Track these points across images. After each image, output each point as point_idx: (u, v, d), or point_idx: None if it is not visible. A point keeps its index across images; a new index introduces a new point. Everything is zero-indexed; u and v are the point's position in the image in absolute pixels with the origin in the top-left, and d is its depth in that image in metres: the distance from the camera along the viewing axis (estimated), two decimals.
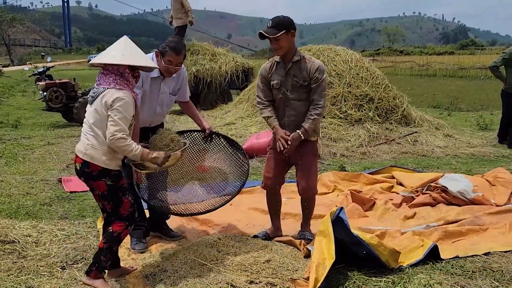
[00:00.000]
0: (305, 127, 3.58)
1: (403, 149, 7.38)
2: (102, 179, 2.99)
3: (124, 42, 3.07)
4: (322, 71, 3.58)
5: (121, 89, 2.94)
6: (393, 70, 30.54)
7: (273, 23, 3.52)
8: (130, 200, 3.12)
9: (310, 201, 3.98)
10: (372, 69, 8.72)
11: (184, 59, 3.70)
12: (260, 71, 3.84)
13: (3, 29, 56.64)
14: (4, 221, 4.30)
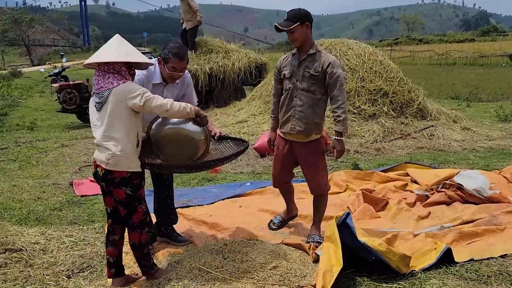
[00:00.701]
0: (338, 130, 3.61)
1: (418, 144, 7.20)
2: (123, 188, 3.01)
3: (117, 40, 3.04)
4: (336, 66, 3.55)
5: (125, 82, 2.96)
6: (412, 60, 30.08)
7: (288, 16, 3.57)
8: (143, 209, 3.15)
9: (322, 199, 3.97)
10: (386, 62, 8.52)
11: (187, 64, 3.63)
12: (276, 64, 3.92)
13: (22, 30, 57.33)
14: (13, 228, 4.32)
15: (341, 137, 3.64)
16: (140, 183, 3.10)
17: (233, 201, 5.15)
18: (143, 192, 3.16)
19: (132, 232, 3.16)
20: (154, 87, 3.58)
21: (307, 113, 3.66)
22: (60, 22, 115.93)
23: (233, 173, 6.28)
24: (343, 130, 3.60)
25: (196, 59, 11.59)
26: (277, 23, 3.59)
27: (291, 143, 3.85)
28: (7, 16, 59.95)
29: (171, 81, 3.59)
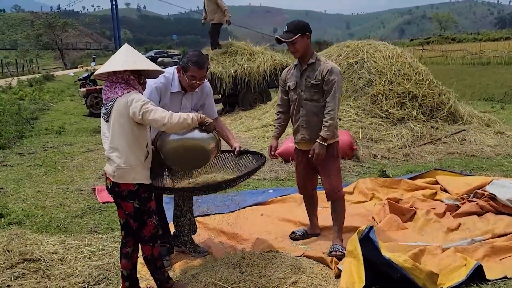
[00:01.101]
0: (322, 135, 3.65)
1: (449, 149, 6.92)
2: (131, 201, 2.94)
3: (125, 50, 2.97)
4: (334, 72, 3.62)
5: (129, 91, 2.86)
6: (444, 60, 29.35)
7: (288, 27, 3.65)
8: (154, 222, 3.05)
9: (339, 205, 3.93)
10: (415, 64, 8.25)
11: (207, 72, 3.55)
12: (281, 75, 4.02)
13: (56, 34, 58.69)
14: (34, 236, 4.32)
15: (323, 142, 3.66)
16: (150, 196, 3.01)
17: (254, 209, 5.04)
18: (153, 205, 3.06)
19: (144, 245, 3.09)
20: (173, 96, 3.52)
21: (313, 121, 3.74)
22: (92, 26, 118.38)
23: (256, 179, 6.16)
24: (327, 135, 3.64)
25: (221, 62, 11.53)
26: (279, 35, 3.66)
27: (306, 152, 3.88)
28: (41, 20, 61.50)
29: (191, 90, 3.53)
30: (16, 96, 17.43)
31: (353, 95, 7.92)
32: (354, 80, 8.01)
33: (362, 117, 7.60)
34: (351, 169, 6.34)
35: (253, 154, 3.81)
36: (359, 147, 6.90)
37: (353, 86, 7.97)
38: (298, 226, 4.45)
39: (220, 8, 11.52)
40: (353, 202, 5.05)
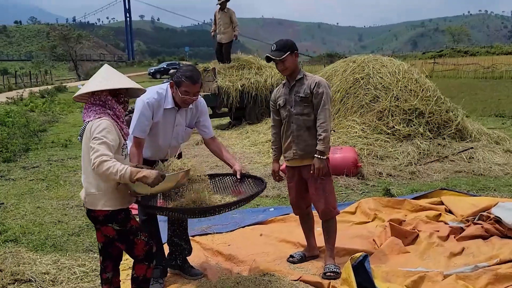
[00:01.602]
0: (319, 149, 3.63)
1: (456, 168, 6.77)
2: (109, 225, 2.84)
3: (103, 70, 2.90)
4: (322, 85, 3.65)
5: (99, 117, 2.75)
6: (456, 73, 29.04)
7: (277, 46, 3.66)
8: (143, 239, 2.92)
9: (331, 224, 3.87)
10: (422, 80, 8.13)
11: (201, 88, 3.48)
12: (271, 96, 4.02)
13: (70, 46, 59.50)
14: (28, 255, 4.27)
15: (322, 156, 3.63)
16: (127, 216, 2.89)
17: (254, 228, 4.95)
18: (135, 223, 2.94)
19: (138, 264, 2.96)
20: (166, 112, 3.45)
21: (304, 136, 3.72)
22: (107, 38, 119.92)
23: (259, 196, 6.04)
24: (324, 149, 3.62)
25: (228, 76, 11.52)
26: (269, 54, 3.66)
27: (298, 169, 3.85)
28: (56, 32, 62.42)
29: (184, 106, 3.45)
30: (27, 108, 17.58)
31: (359, 110, 7.82)
32: (360, 95, 7.91)
33: (368, 133, 7.48)
34: (355, 187, 6.22)
35: (254, 178, 3.68)
36: (364, 164, 6.78)
37: (358, 101, 7.87)
38: (298, 247, 4.35)
39: (233, 24, 11.57)
40: (355, 223, 4.94)
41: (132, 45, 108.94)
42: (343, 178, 6.43)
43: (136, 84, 2.93)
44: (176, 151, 3.71)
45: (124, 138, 2.89)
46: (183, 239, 3.88)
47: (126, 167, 2.60)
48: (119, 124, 2.84)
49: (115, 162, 2.59)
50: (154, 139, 3.50)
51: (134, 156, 3.30)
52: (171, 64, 48.42)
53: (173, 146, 3.62)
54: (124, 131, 2.89)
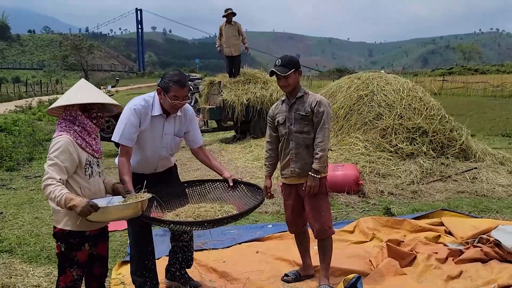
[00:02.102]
0: (314, 167, 3.63)
1: (459, 188, 6.68)
2: (59, 242, 2.81)
3: (77, 85, 2.90)
4: (323, 104, 3.66)
5: (60, 135, 2.73)
6: (465, 91, 28.91)
7: (282, 61, 3.67)
8: (73, 275, 2.83)
9: (327, 243, 3.84)
10: (427, 99, 8.06)
11: (188, 92, 3.45)
12: (269, 112, 4.00)
13: (81, 56, 60.16)
14: (21, 266, 4.27)
15: (316, 175, 3.63)
16: (79, 245, 2.81)
17: (250, 245, 4.89)
18: (81, 257, 2.84)
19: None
20: (154, 120, 3.39)
21: (303, 154, 3.70)
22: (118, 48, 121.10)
23: (257, 212, 6.01)
24: (319, 168, 3.62)
25: (234, 90, 11.54)
26: (275, 69, 3.66)
27: (296, 187, 3.83)
28: (69, 42, 63.19)
29: (173, 112, 3.40)
30: (34, 117, 17.70)
31: (362, 128, 7.77)
32: (363, 112, 7.87)
33: (371, 150, 7.43)
34: (355, 205, 6.16)
35: (248, 185, 3.65)
36: (365, 182, 6.72)
37: (362, 118, 7.83)
38: (293, 265, 4.30)
39: (241, 36, 11.64)
40: (352, 242, 4.87)
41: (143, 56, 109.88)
42: (344, 195, 6.37)
43: (110, 100, 2.89)
44: (167, 163, 3.65)
45: (94, 155, 2.85)
46: (188, 249, 3.83)
47: (63, 194, 2.53)
48: (88, 141, 2.80)
49: (56, 187, 2.55)
50: (142, 150, 3.43)
51: (124, 165, 3.25)
52: None
53: (163, 157, 3.55)
54: (94, 148, 2.84)
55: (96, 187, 2.87)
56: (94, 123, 2.85)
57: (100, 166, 2.92)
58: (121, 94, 35.87)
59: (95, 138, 2.87)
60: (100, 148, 2.92)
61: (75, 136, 2.75)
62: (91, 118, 2.84)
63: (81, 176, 2.76)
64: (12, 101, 27.67)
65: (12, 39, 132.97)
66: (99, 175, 2.91)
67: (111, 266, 4.32)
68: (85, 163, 2.78)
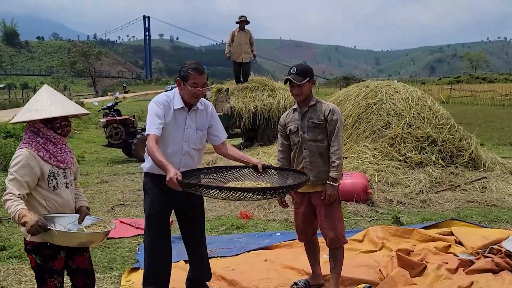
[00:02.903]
0: (332, 176, 3.64)
1: (469, 197, 6.63)
2: (33, 255, 2.77)
3: (36, 96, 2.85)
4: (336, 112, 3.69)
5: (21, 148, 2.71)
6: (473, 100, 28.87)
7: (298, 70, 3.68)
8: (55, 284, 2.80)
9: (339, 252, 3.82)
10: (436, 107, 8.04)
11: (207, 79, 3.45)
12: (280, 120, 3.98)
13: (89, 62, 60.58)
14: (31, 272, 4.26)
15: (334, 183, 3.65)
16: (54, 254, 2.77)
17: (258, 253, 4.88)
18: (58, 265, 2.81)
19: None
20: (176, 113, 3.39)
21: (317, 162, 3.70)
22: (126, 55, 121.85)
23: (265, 219, 6.03)
24: (337, 176, 3.64)
25: (241, 97, 11.57)
26: (291, 77, 3.64)
27: (308, 195, 3.81)
28: (77, 48, 63.67)
29: (193, 101, 3.39)
30: None
31: (370, 136, 7.75)
32: (372, 121, 7.86)
33: (379, 159, 7.40)
34: (364, 214, 6.13)
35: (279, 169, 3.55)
36: (374, 191, 6.69)
37: (370, 127, 7.81)
38: (302, 274, 4.28)
39: (250, 43, 11.72)
40: (362, 251, 4.85)
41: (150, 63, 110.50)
42: (352, 204, 6.35)
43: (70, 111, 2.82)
44: (191, 163, 3.51)
45: (60, 166, 2.81)
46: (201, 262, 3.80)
47: (17, 209, 2.50)
48: (52, 152, 2.78)
49: (13, 202, 2.53)
50: (165, 144, 3.38)
51: (158, 150, 3.14)
52: None
53: (186, 151, 3.46)
54: (59, 159, 2.80)
55: (64, 199, 2.83)
56: (58, 133, 2.82)
57: (67, 177, 2.87)
58: (128, 100, 36.07)
59: (62, 148, 2.84)
60: (67, 158, 2.87)
61: (37, 148, 2.72)
62: (54, 129, 2.81)
63: (45, 188, 2.73)
64: (21, 107, 27.81)
65: (21, 45, 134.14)
66: (66, 186, 2.85)
67: (120, 273, 4.34)
68: (48, 175, 2.74)
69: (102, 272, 4.36)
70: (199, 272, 3.78)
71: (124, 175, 8.96)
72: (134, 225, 5.75)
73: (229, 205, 6.57)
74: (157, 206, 3.53)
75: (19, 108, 26.66)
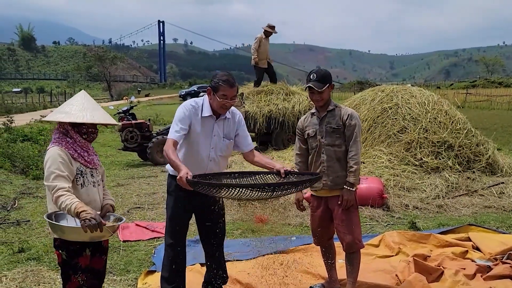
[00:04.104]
0: (350, 181, 3.66)
1: (486, 203, 6.57)
2: (60, 251, 2.87)
3: (72, 100, 2.98)
4: (354, 117, 3.70)
5: (51, 147, 2.84)
6: (489, 104, 28.54)
7: (318, 76, 3.67)
8: (79, 281, 2.89)
9: (356, 257, 3.83)
10: (452, 112, 7.98)
11: (237, 92, 3.48)
12: (297, 124, 4.00)
13: (105, 67, 61.15)
14: (49, 274, 4.35)
15: (352, 188, 3.66)
16: (80, 251, 2.88)
17: (274, 257, 4.83)
18: (83, 262, 2.91)
19: None
20: (204, 121, 3.46)
21: (334, 167, 3.70)
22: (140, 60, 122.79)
23: (281, 224, 6.01)
24: (354, 181, 3.66)
25: (256, 101, 11.58)
26: (312, 84, 3.64)
27: (325, 199, 3.82)
28: (92, 53, 64.34)
29: (222, 111, 3.45)
30: None
31: (386, 140, 7.72)
32: (387, 125, 7.82)
33: (395, 164, 7.36)
34: (380, 219, 6.10)
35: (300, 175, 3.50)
36: (389, 195, 6.65)
37: (386, 131, 7.77)
38: (318, 279, 4.28)
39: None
40: (378, 256, 4.82)
41: (164, 67, 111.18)
42: (368, 208, 6.32)
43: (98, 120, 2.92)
44: (215, 166, 3.56)
45: (87, 165, 2.91)
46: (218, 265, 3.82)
47: (73, 202, 2.62)
48: (79, 152, 2.88)
49: (67, 197, 2.65)
50: (192, 150, 3.46)
51: (174, 152, 3.21)
52: (201, 87, 49.15)
53: (212, 158, 3.52)
54: (86, 159, 2.91)
55: (91, 196, 2.93)
56: (84, 138, 2.94)
57: (94, 176, 2.98)
58: (142, 105, 36.27)
59: (87, 150, 2.95)
60: (93, 160, 2.98)
61: (66, 147, 2.85)
62: (81, 133, 2.92)
63: (73, 185, 2.83)
64: (37, 111, 28.24)
65: (37, 50, 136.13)
66: (93, 185, 2.96)
67: (136, 276, 4.37)
68: (76, 173, 2.85)
69: (119, 275, 4.39)
70: (216, 275, 3.80)
71: (140, 179, 9.03)
72: (150, 228, 5.78)
73: (244, 209, 6.58)
74: (180, 208, 3.59)
75: (36, 112, 27.03)
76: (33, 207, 6.78)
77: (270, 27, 12.00)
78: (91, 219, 2.55)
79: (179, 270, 3.62)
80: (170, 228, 3.63)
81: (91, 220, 2.55)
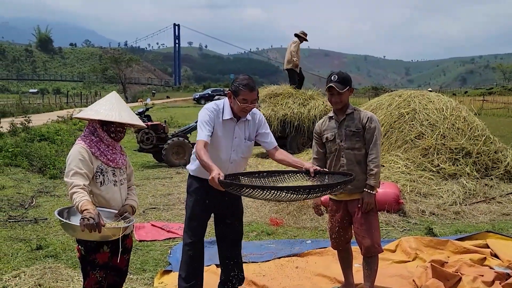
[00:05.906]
0: (370, 184, 3.65)
1: (504, 210, 6.49)
2: (79, 245, 2.94)
3: (104, 99, 3.05)
4: (374, 120, 3.69)
5: (76, 144, 2.91)
6: (506, 112, 28.20)
7: (339, 78, 3.67)
8: (97, 277, 2.94)
9: (374, 261, 3.80)
10: (471, 118, 7.90)
11: (257, 95, 3.50)
12: (315, 128, 3.97)
13: (120, 69, 61.74)
14: (67, 271, 4.38)
15: (372, 191, 3.65)
16: (97, 247, 2.93)
17: (289, 260, 4.86)
18: (101, 259, 2.96)
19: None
20: (225, 124, 3.49)
21: (355, 170, 3.62)
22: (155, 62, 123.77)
23: (295, 227, 6.01)
24: (374, 184, 3.64)
25: (272, 105, 11.60)
26: (333, 84, 3.63)
27: (345, 203, 3.80)
28: (108, 55, 65.04)
29: (243, 115, 3.48)
30: (75, 127, 18.21)
31: (402, 146, 7.67)
32: (404, 131, 7.77)
33: (412, 169, 7.30)
34: (396, 224, 6.06)
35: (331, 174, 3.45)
36: (406, 201, 6.60)
37: (403, 137, 7.72)
38: (334, 282, 4.26)
39: None
40: (394, 262, 4.79)
41: (179, 70, 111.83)
42: (384, 214, 6.27)
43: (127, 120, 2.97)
44: (236, 167, 3.58)
45: (109, 164, 2.96)
46: (234, 266, 3.83)
47: (81, 200, 2.65)
48: (103, 150, 2.95)
49: (79, 194, 2.68)
50: (213, 152, 3.44)
51: (205, 153, 3.21)
52: (215, 90, 49.35)
53: (233, 160, 3.55)
54: (109, 158, 2.96)
55: (110, 195, 2.98)
56: (112, 137, 3.00)
57: (117, 175, 3.03)
58: (156, 107, 36.49)
59: (112, 149, 3.01)
60: (117, 159, 3.03)
61: (89, 145, 2.92)
62: (109, 133, 2.99)
63: (92, 183, 2.90)
64: (54, 112, 28.59)
65: (54, 52, 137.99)
66: (115, 184, 3.01)
67: (152, 275, 4.40)
68: (96, 171, 2.91)
69: (135, 274, 4.42)
70: (232, 276, 3.80)
71: (155, 180, 9.08)
72: (165, 229, 5.81)
73: (258, 212, 6.58)
74: (199, 209, 3.62)
75: (53, 112, 27.36)
76: (51, 206, 6.85)
77: (304, 34, 12.19)
78: (89, 219, 2.56)
79: (197, 269, 3.65)
80: (189, 227, 3.66)
81: (89, 220, 2.55)
